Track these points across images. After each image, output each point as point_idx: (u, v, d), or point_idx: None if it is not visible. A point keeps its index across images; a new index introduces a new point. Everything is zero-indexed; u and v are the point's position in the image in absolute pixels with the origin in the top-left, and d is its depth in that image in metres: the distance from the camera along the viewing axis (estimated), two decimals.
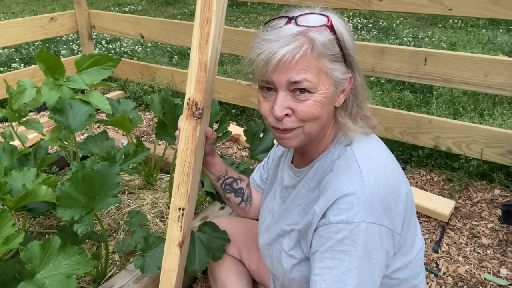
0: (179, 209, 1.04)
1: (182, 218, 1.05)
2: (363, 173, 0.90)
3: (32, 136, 2.57)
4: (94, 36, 5.31)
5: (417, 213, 2.05)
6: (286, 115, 0.90)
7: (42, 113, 3.27)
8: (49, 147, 1.84)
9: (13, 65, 4.42)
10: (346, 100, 0.96)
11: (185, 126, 0.99)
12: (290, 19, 0.89)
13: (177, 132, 1.05)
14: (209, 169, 1.22)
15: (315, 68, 0.86)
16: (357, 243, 0.86)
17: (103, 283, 1.49)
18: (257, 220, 1.27)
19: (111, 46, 5.15)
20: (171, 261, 1.10)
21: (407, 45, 4.63)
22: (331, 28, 0.88)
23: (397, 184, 0.93)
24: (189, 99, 0.97)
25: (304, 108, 0.89)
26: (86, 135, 2.45)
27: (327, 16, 0.89)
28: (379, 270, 0.90)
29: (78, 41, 5.13)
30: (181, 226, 1.06)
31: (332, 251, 0.88)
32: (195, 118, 0.98)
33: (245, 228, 1.45)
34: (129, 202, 2.01)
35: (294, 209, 1.03)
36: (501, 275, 1.73)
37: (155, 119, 3.22)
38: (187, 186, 1.02)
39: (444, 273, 1.75)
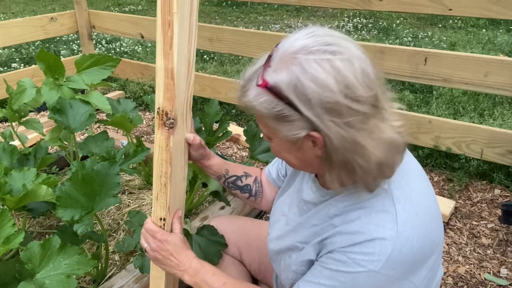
0: (160, 219, 1.04)
1: (164, 228, 1.05)
2: (399, 221, 0.81)
3: (32, 136, 2.57)
4: (94, 36, 5.31)
5: None
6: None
7: (42, 113, 3.27)
8: (49, 147, 1.84)
9: (13, 65, 4.41)
10: (328, 154, 0.81)
11: (158, 136, 0.95)
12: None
13: None
14: (207, 171, 1.21)
15: (262, 121, 0.83)
16: (356, 285, 0.82)
17: (103, 283, 1.49)
18: (263, 214, 1.24)
19: (111, 46, 5.15)
20: (157, 269, 1.10)
21: (407, 45, 4.63)
22: (268, 89, 0.76)
23: (434, 239, 0.85)
24: (158, 108, 0.93)
25: (270, 144, 0.89)
26: (86, 135, 2.45)
27: (262, 77, 0.78)
28: None
29: (78, 41, 5.13)
30: None
31: (332, 272, 0.85)
32: (166, 128, 0.94)
33: (245, 228, 1.44)
34: (129, 202, 2.01)
35: (308, 228, 0.97)
36: (501, 275, 1.73)
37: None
38: (165, 197, 1.01)
39: (444, 273, 1.75)
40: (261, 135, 1.84)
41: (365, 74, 0.75)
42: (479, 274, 1.74)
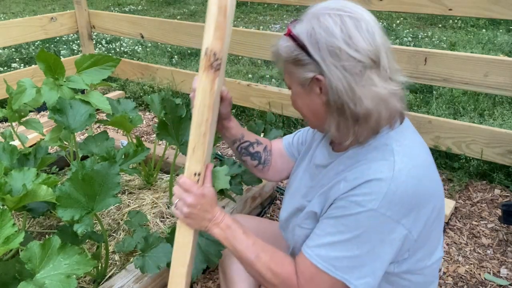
0: (195, 174, 0.98)
1: (198, 183, 0.99)
2: (396, 168, 0.90)
3: (32, 136, 2.57)
4: (94, 36, 5.30)
5: None
6: None
7: (42, 113, 3.27)
8: (49, 147, 1.84)
9: (13, 65, 4.42)
10: (329, 98, 0.93)
11: (203, 79, 0.91)
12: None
13: (191, 94, 1.02)
14: (224, 133, 1.22)
15: (285, 68, 0.99)
16: (359, 226, 0.89)
17: (103, 283, 1.49)
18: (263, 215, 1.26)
19: (111, 46, 5.15)
20: (185, 235, 1.02)
21: (407, 45, 4.63)
22: (290, 36, 0.94)
23: (427, 191, 0.93)
24: (207, 48, 0.89)
25: (291, 96, 1.03)
26: (86, 135, 2.45)
27: (288, 27, 0.96)
28: (382, 261, 0.91)
29: (78, 41, 5.13)
30: None
31: (336, 219, 0.92)
32: (213, 70, 0.90)
33: (261, 226, 1.43)
34: (129, 202, 2.01)
35: (318, 189, 1.03)
36: (501, 275, 1.73)
37: (155, 119, 3.22)
38: (203, 148, 0.95)
39: (444, 273, 1.75)
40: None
41: (370, 33, 0.90)
42: (479, 274, 1.74)
